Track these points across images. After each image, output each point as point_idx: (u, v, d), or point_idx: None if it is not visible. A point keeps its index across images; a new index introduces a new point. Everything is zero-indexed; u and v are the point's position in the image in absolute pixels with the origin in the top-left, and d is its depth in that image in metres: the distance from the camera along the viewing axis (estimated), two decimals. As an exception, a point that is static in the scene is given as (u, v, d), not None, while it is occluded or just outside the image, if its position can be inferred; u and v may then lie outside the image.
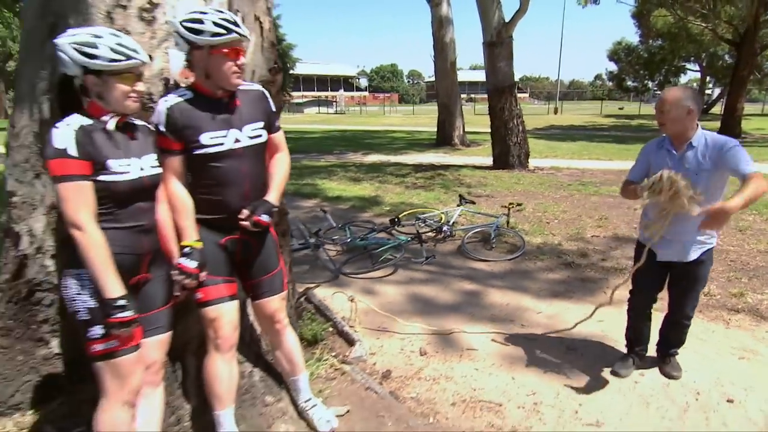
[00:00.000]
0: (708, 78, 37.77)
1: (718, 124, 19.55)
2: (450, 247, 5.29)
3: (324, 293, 3.87)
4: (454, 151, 14.91)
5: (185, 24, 1.71)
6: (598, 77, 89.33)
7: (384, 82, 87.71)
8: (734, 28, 20.16)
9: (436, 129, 16.92)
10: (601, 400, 2.60)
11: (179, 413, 2.08)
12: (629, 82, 42.62)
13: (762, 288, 4.04)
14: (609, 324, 3.43)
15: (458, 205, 6.10)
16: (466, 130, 16.72)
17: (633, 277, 2.78)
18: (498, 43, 10.48)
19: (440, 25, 15.22)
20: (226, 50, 1.76)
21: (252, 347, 2.36)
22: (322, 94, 61.50)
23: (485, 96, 12.14)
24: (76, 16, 1.86)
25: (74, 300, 1.62)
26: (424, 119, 31.63)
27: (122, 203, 1.65)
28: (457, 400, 2.59)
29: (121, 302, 1.57)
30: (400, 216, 5.67)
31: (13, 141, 2.18)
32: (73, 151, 1.53)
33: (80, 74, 1.55)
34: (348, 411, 2.37)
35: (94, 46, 1.52)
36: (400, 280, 4.38)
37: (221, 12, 1.76)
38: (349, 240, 5.13)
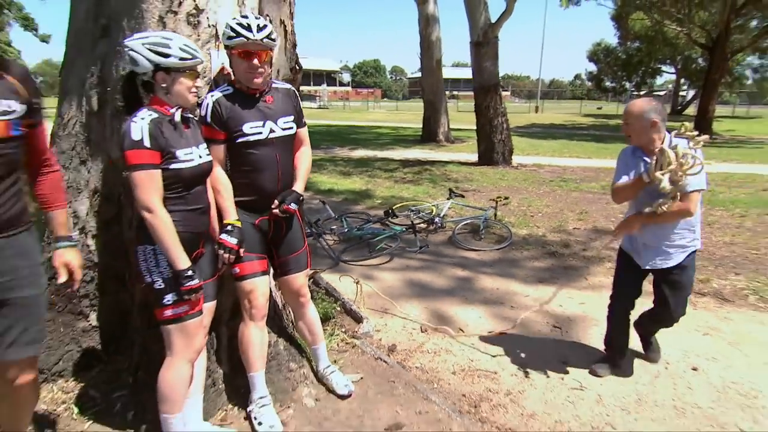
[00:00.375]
0: (683, 80, 39.03)
1: (691, 125, 20.26)
2: (441, 238, 5.60)
3: (328, 278, 4.13)
4: (440, 148, 15.24)
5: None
6: (577, 77, 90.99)
7: (367, 78, 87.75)
8: (707, 32, 20.97)
9: (421, 125, 17.22)
10: (583, 369, 2.92)
11: (214, 377, 2.32)
12: (608, 83, 43.73)
13: (726, 275, 4.45)
14: (589, 306, 3.79)
15: (448, 199, 6.41)
16: (450, 127, 17.07)
17: (614, 284, 2.82)
18: (484, 43, 10.82)
19: (427, 23, 15.49)
20: (250, 53, 1.99)
21: (276, 321, 2.61)
22: (305, 88, 61.27)
23: (468, 93, 12.48)
24: (129, 19, 2.08)
25: (150, 272, 1.84)
26: (408, 115, 31.96)
27: (188, 187, 1.88)
28: (457, 369, 2.89)
29: (190, 272, 1.81)
30: (393, 208, 5.95)
31: (60, 131, 2.38)
32: (147, 142, 1.74)
33: (150, 71, 1.78)
34: (362, 378, 2.64)
35: (167, 46, 1.76)
36: (397, 267, 4.67)
37: (255, 18, 1.99)
38: (346, 230, 5.39)
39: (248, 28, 1.97)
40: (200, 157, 1.91)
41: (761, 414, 2.51)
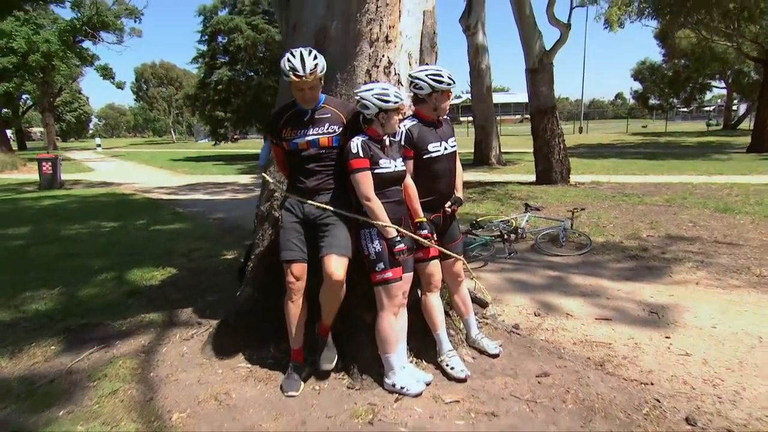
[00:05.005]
0: (734, 94, 38.20)
1: (747, 139, 20.09)
2: (524, 246, 6.18)
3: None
4: (493, 170, 15.84)
5: (432, 76, 2.74)
6: (619, 96, 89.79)
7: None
8: (760, 45, 20.86)
9: (471, 149, 17.93)
10: (686, 341, 3.44)
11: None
12: (653, 100, 43.24)
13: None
14: (679, 297, 4.28)
15: (525, 212, 7.00)
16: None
17: None
18: (540, 69, 11.51)
19: (476, 52, 16.36)
20: (447, 94, 2.80)
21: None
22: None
23: (509, 117, 13.10)
24: (342, 72, 2.91)
25: (367, 246, 2.62)
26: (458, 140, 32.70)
27: (388, 186, 2.65)
28: (576, 341, 3.47)
29: (398, 238, 2.59)
30: (477, 220, 6.60)
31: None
32: (361, 153, 2.55)
33: (374, 112, 2.56)
34: (501, 344, 3.27)
35: (387, 95, 2.55)
36: (493, 269, 5.29)
37: (446, 69, 2.78)
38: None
39: (453, 79, 2.80)
40: (396, 167, 2.67)
41: None
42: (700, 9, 18.39)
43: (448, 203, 2.95)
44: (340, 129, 2.71)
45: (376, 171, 2.59)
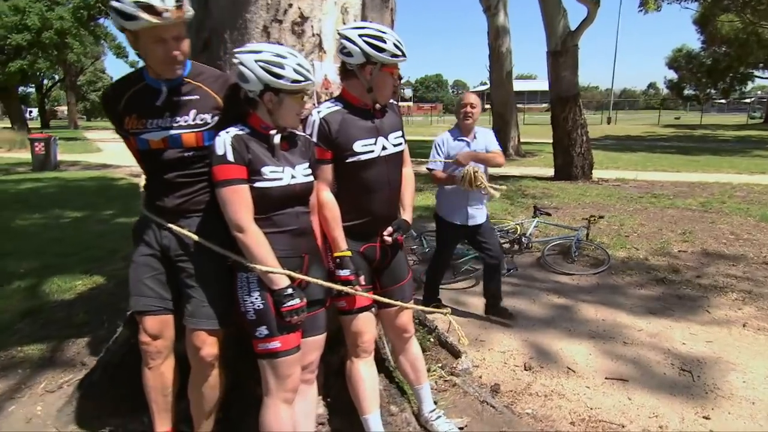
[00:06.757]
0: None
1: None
2: (529, 260, 5.18)
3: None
4: (510, 162, 14.62)
5: (368, 39, 1.77)
6: (651, 86, 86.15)
7: (428, 93, 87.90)
8: (812, 32, 18.96)
9: (489, 139, 16.73)
10: (732, 424, 2.44)
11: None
12: (689, 90, 40.80)
13: None
14: (719, 345, 3.26)
15: (533, 217, 5.96)
16: (520, 140, 16.45)
17: None
18: (563, 51, 10.29)
19: (497, 34, 15.08)
20: (393, 70, 1.84)
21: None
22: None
23: (533, 106, 11.96)
24: (232, 31, 1.97)
25: (244, 300, 1.70)
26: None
27: (279, 207, 1.71)
28: (575, 419, 2.50)
29: (290, 291, 1.65)
30: (475, 226, 5.60)
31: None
32: (230, 156, 1.61)
33: (258, 90, 1.62)
34: (467, 425, 2.33)
35: (281, 66, 1.59)
36: (485, 291, 4.31)
37: (394, 33, 1.81)
38: (427, 250, 5.12)
39: (403, 47, 1.83)
40: (293, 177, 1.72)
41: None
42: (747, -11, 16.65)
43: (388, 230, 2.00)
44: (215, 118, 1.78)
45: (258, 184, 1.66)
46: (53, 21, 27.04)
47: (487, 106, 18.30)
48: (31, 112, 55.90)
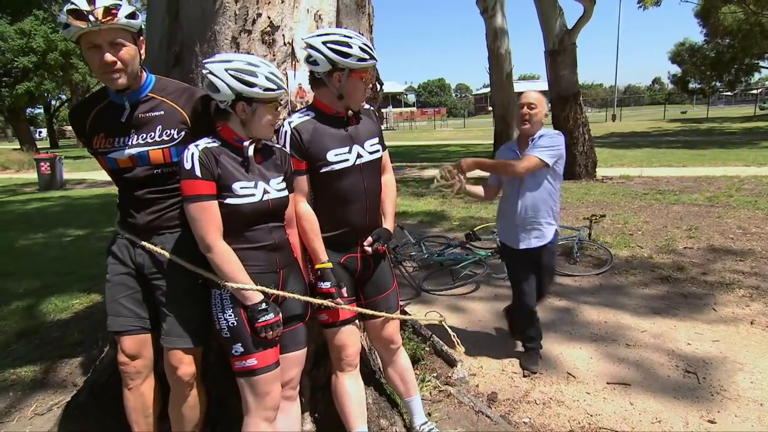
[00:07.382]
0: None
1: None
2: (530, 262, 5.09)
3: (410, 309, 3.80)
4: (513, 163, 14.55)
5: (332, 45, 1.73)
6: (656, 81, 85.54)
7: (432, 97, 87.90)
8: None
9: (492, 141, 16.62)
10: (740, 427, 2.34)
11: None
12: (693, 84, 40.42)
13: None
14: (726, 345, 3.15)
15: (534, 218, 5.87)
16: (524, 141, 16.34)
17: None
18: (561, 50, 10.22)
19: (495, 36, 14.99)
20: (364, 74, 1.79)
21: (361, 368, 2.31)
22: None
23: None
24: (202, 43, 1.94)
25: (218, 317, 1.66)
26: (477, 132, 31.28)
27: (252, 224, 1.66)
28: (575, 426, 2.42)
29: (263, 306, 1.60)
30: (474, 230, 5.53)
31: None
32: (198, 171, 1.57)
33: (230, 100, 1.58)
34: (461, 436, 2.26)
35: (253, 74, 1.56)
36: (485, 296, 4.25)
37: (362, 36, 1.77)
38: (426, 256, 5.06)
39: (372, 50, 1.79)
40: (265, 192, 1.67)
41: None
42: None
43: (368, 240, 1.95)
44: (182, 133, 1.74)
45: (229, 201, 1.61)
46: (58, 42, 27.48)
47: (489, 108, 18.22)
48: (40, 132, 56.78)
